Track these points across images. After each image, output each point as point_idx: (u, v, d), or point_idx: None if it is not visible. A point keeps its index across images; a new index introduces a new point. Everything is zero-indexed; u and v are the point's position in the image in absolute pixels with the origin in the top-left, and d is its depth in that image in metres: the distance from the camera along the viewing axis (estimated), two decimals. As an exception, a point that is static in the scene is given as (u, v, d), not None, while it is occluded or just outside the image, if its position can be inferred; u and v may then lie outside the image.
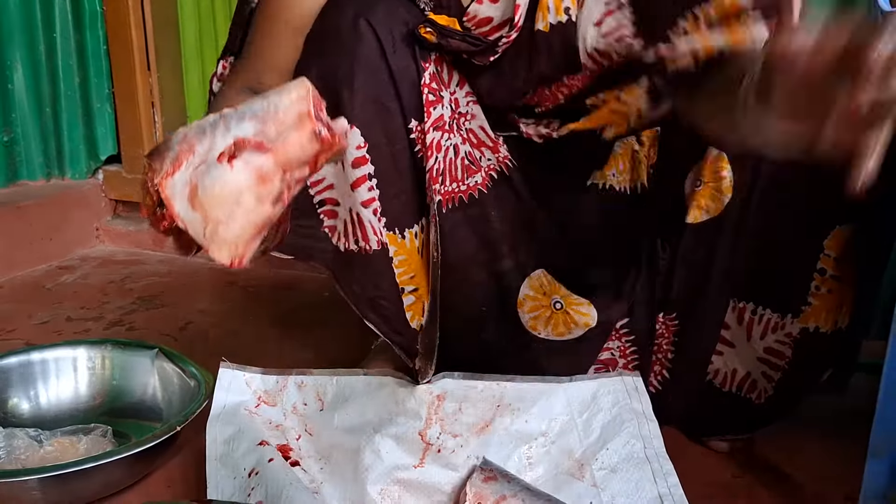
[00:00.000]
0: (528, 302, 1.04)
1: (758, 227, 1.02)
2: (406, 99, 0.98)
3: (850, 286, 1.01)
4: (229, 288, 1.75)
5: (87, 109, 2.02)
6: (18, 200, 1.87)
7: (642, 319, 1.09)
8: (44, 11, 1.94)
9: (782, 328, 1.03)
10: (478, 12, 1.00)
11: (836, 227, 0.99)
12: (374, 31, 0.95)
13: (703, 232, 1.05)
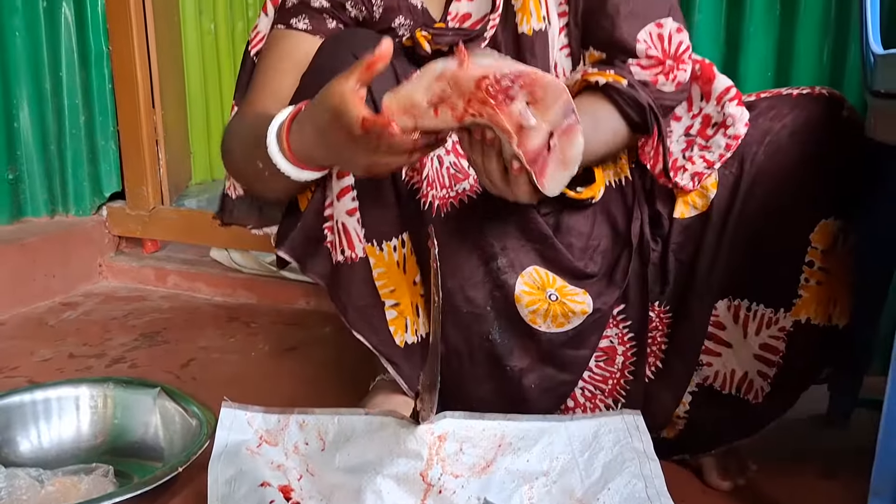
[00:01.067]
0: (525, 297, 1.06)
1: (745, 221, 1.05)
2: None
3: (840, 280, 1.04)
4: (231, 324, 1.76)
5: (92, 147, 2.04)
6: (22, 237, 1.88)
7: (637, 307, 1.12)
8: (50, 50, 1.97)
9: (776, 323, 1.05)
10: (458, 10, 1.10)
11: (822, 220, 1.03)
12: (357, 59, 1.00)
13: (691, 228, 1.08)
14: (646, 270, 1.10)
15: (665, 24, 1.04)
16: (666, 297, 1.11)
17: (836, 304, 1.04)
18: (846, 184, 1.03)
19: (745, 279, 1.06)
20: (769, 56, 1.46)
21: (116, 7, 1.95)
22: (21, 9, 1.91)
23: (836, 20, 1.41)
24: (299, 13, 1.11)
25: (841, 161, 1.02)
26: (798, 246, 1.03)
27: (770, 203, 1.04)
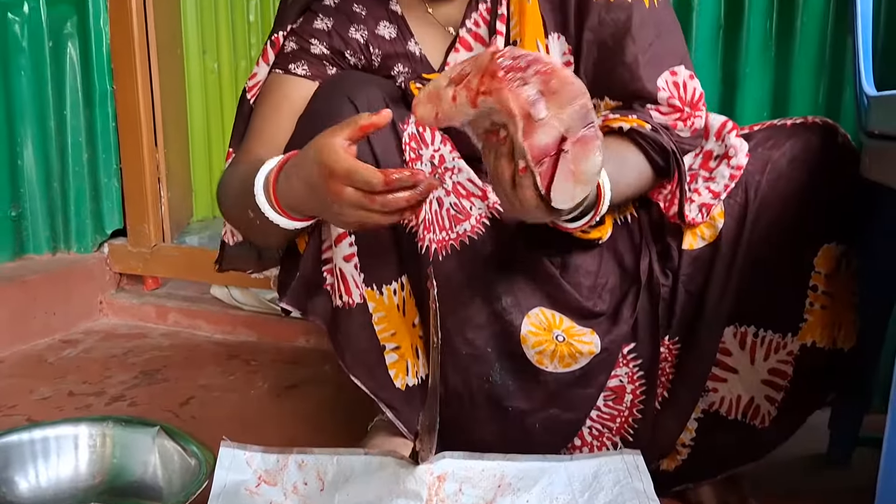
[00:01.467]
0: (531, 338, 1.06)
1: (752, 249, 1.07)
2: (382, 159, 1.03)
3: (844, 303, 1.06)
4: (231, 362, 1.76)
5: (95, 185, 2.06)
6: (24, 275, 1.89)
7: (647, 345, 1.12)
8: (55, 90, 2.00)
9: (784, 347, 1.07)
10: (456, 60, 1.11)
11: (824, 244, 1.05)
12: (354, 104, 1.03)
13: (700, 258, 1.09)
14: (656, 307, 1.11)
15: (679, 72, 1.07)
16: (674, 328, 1.11)
17: (841, 327, 1.06)
18: (846, 208, 1.05)
19: (751, 305, 1.07)
20: (765, 95, 1.48)
21: (121, 47, 1.98)
22: (27, 49, 1.94)
23: (831, 60, 1.44)
24: (298, 59, 1.12)
25: (839, 186, 1.04)
26: (802, 270, 1.05)
27: (774, 229, 1.05)
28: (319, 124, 1.01)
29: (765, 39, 1.46)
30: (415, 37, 1.14)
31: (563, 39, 1.09)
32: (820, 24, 1.43)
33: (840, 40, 1.42)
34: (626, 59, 1.05)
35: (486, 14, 1.11)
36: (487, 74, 0.79)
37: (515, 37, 1.09)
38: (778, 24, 1.45)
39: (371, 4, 1.14)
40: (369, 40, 1.13)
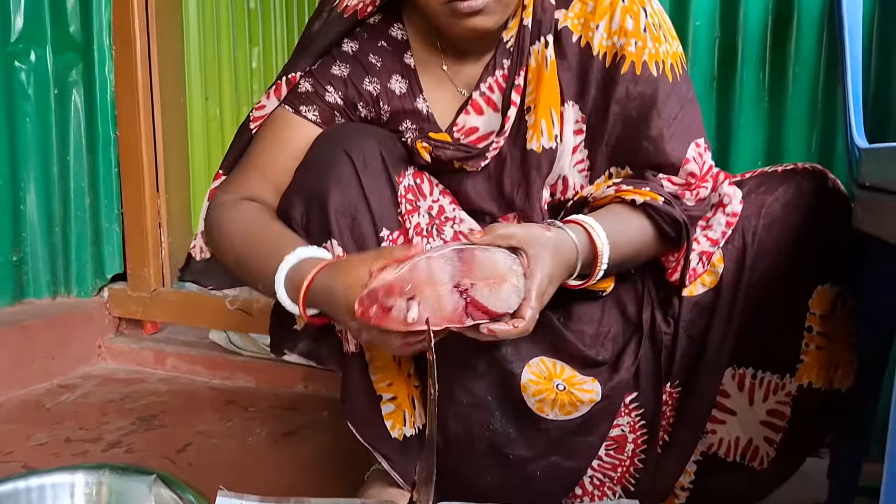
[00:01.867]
0: (532, 386, 1.07)
1: (751, 292, 1.08)
2: (377, 210, 1.05)
3: (840, 344, 1.07)
4: (229, 407, 1.75)
5: (96, 229, 2.07)
6: (24, 319, 1.89)
7: (650, 394, 1.12)
8: (59, 136, 2.02)
9: (782, 388, 1.08)
10: (465, 122, 1.12)
11: (819, 286, 1.06)
12: (349, 156, 1.05)
13: (701, 304, 1.11)
14: (658, 356, 1.11)
15: (700, 144, 1.08)
16: (675, 374, 1.12)
17: (838, 367, 1.07)
18: (839, 250, 1.07)
19: (750, 347, 1.09)
20: (759, 146, 1.50)
21: (125, 94, 2.00)
22: (33, 96, 1.96)
23: (824, 111, 1.46)
24: (311, 103, 1.13)
25: (832, 229, 1.06)
26: (798, 312, 1.07)
27: (771, 272, 1.07)
28: (316, 176, 1.03)
29: (758, 90, 1.48)
30: (424, 93, 1.14)
31: (578, 108, 1.09)
32: (812, 75, 1.46)
33: (832, 91, 1.45)
34: (652, 133, 1.05)
35: (501, 80, 1.12)
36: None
37: (530, 103, 1.09)
38: (770, 76, 1.48)
39: (386, 56, 1.14)
40: (380, 94, 1.14)
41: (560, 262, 0.95)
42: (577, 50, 1.08)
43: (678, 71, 1.07)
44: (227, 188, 1.14)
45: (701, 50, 1.50)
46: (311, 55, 1.14)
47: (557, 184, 1.12)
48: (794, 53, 1.45)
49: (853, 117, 1.15)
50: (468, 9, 0.99)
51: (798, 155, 1.46)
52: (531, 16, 1.08)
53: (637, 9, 1.05)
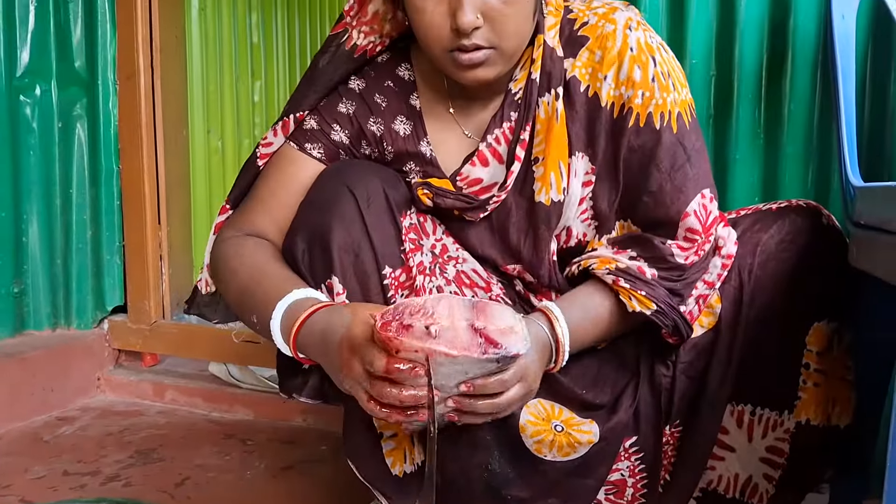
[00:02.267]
0: (530, 427, 1.06)
1: (749, 330, 1.08)
2: (379, 248, 1.05)
3: (838, 380, 1.07)
4: (227, 441, 1.75)
5: (97, 262, 2.08)
6: (24, 351, 1.89)
7: (650, 438, 1.12)
8: (62, 169, 2.03)
9: (781, 425, 1.08)
10: (470, 173, 1.11)
11: (815, 323, 1.06)
12: (353, 194, 1.05)
13: (700, 344, 1.11)
14: (658, 399, 1.11)
15: (706, 195, 1.05)
16: (675, 415, 1.12)
17: (836, 404, 1.07)
18: (835, 286, 1.07)
19: (748, 384, 1.09)
20: (756, 182, 1.51)
21: (128, 128, 2.03)
22: (37, 129, 1.98)
23: (819, 147, 1.48)
24: (316, 141, 1.13)
25: (827, 265, 1.06)
26: (795, 349, 1.07)
27: (768, 309, 1.07)
28: (319, 213, 1.04)
29: (754, 127, 1.50)
30: (428, 136, 1.14)
31: (587, 159, 1.08)
32: (807, 113, 1.48)
33: (827, 128, 1.46)
34: (651, 188, 1.04)
35: (508, 133, 1.11)
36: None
37: (538, 154, 1.08)
38: (766, 113, 1.50)
39: (392, 97, 1.14)
40: (384, 135, 1.14)
41: (542, 354, 0.98)
42: (584, 100, 1.07)
43: (686, 120, 1.05)
44: (232, 223, 1.15)
45: (697, 87, 1.52)
46: (318, 91, 1.14)
47: (561, 234, 1.11)
48: (789, 91, 1.48)
49: (847, 155, 1.17)
50: (468, 61, 0.99)
51: (794, 192, 1.47)
52: (539, 69, 1.07)
53: (646, 58, 1.03)
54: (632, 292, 1.03)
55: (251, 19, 2.85)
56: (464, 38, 0.97)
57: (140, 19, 1.98)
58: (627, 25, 1.04)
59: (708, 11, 1.51)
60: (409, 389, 0.84)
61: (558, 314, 1.00)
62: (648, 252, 1.04)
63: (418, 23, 1.00)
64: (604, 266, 1.05)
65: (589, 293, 1.06)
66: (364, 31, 1.13)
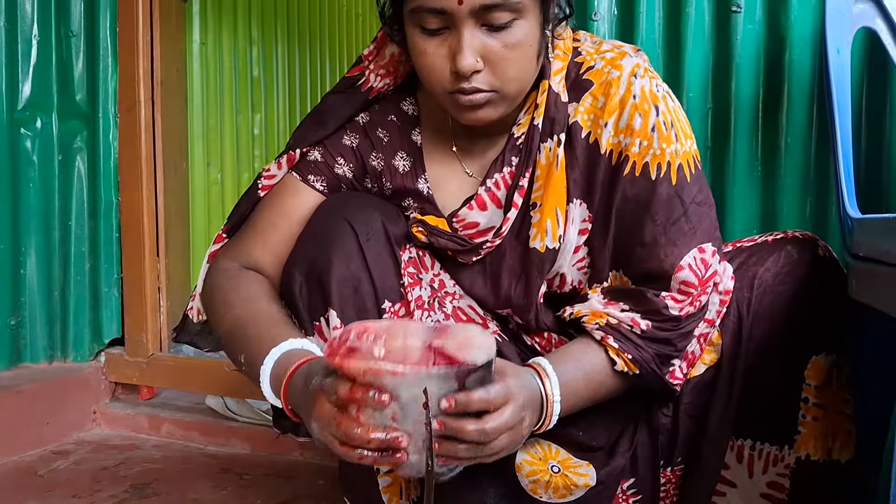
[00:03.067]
0: (526, 466, 1.05)
1: (748, 364, 1.08)
2: (379, 282, 1.04)
3: (837, 414, 1.06)
4: (224, 475, 1.73)
5: (95, 294, 2.07)
6: (19, 384, 1.88)
7: (647, 480, 1.11)
8: (62, 201, 2.04)
9: (781, 460, 1.07)
10: (467, 216, 1.10)
11: (813, 356, 1.05)
12: (352, 227, 1.04)
13: (703, 382, 1.10)
14: (656, 442, 1.10)
15: (706, 250, 1.02)
16: (677, 454, 1.11)
17: (836, 438, 1.06)
18: (833, 318, 1.06)
19: (748, 418, 1.08)
20: (754, 214, 1.51)
21: (128, 160, 2.03)
22: (37, 162, 1.99)
23: (816, 179, 1.47)
24: (320, 173, 1.12)
25: (824, 298, 1.05)
26: (793, 383, 1.06)
27: (766, 343, 1.07)
28: (318, 246, 1.04)
29: (751, 160, 1.50)
30: (427, 173, 1.13)
31: (585, 207, 1.06)
32: (804, 145, 1.48)
33: (825, 160, 1.47)
34: (645, 239, 1.02)
35: (508, 178, 1.09)
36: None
37: (536, 200, 1.07)
38: (763, 145, 1.50)
39: (394, 132, 1.14)
40: (384, 170, 1.13)
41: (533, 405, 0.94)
42: (585, 146, 1.05)
43: (687, 172, 1.02)
44: (228, 253, 1.14)
45: (694, 120, 1.52)
46: (327, 129, 1.13)
47: (555, 279, 1.10)
48: (786, 124, 1.48)
49: (845, 187, 1.17)
50: (469, 103, 0.98)
51: (792, 223, 1.47)
52: (542, 115, 1.05)
53: (648, 106, 1.01)
54: (619, 353, 1.01)
55: (251, 53, 2.88)
56: (463, 82, 0.96)
57: (141, 53, 2.00)
58: (633, 72, 1.02)
59: (704, 45, 1.52)
60: (377, 431, 0.79)
61: (550, 370, 0.97)
62: (641, 305, 1.01)
63: (420, 64, 1.00)
64: (594, 320, 1.03)
65: (582, 350, 1.03)
66: (381, 73, 1.13)
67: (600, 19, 1.56)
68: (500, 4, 0.93)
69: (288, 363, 0.93)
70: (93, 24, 2.02)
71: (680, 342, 1.03)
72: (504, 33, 0.95)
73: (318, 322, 1.03)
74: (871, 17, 1.35)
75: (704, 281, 1.02)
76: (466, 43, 0.94)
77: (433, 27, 0.96)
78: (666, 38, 1.54)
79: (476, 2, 0.92)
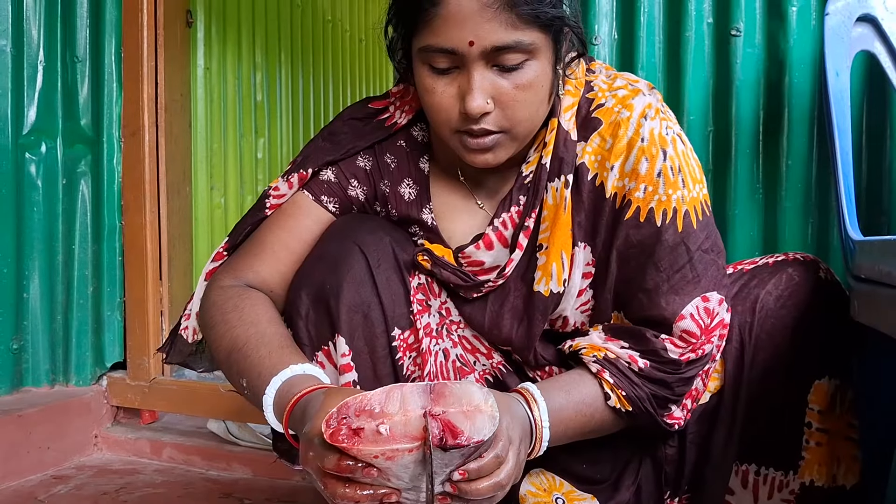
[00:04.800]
0: (530, 498, 1.04)
1: (751, 389, 1.06)
2: (389, 309, 1.03)
3: (841, 439, 1.04)
4: (225, 500, 1.72)
5: (98, 318, 2.07)
6: (21, 408, 1.87)
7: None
8: (65, 224, 2.05)
9: (786, 486, 1.05)
10: (473, 255, 1.08)
11: (816, 381, 1.04)
12: (363, 251, 1.03)
13: (707, 410, 1.08)
14: (660, 474, 1.09)
15: (711, 299, 1.00)
16: (683, 484, 1.10)
17: (840, 463, 1.05)
18: (836, 342, 1.05)
19: (752, 443, 1.07)
20: (756, 237, 1.51)
21: (132, 184, 2.04)
22: (41, 186, 2.00)
23: (818, 201, 1.48)
24: (333, 195, 1.10)
25: (826, 321, 1.04)
26: (797, 408, 1.05)
27: (769, 368, 1.06)
28: (329, 271, 1.02)
29: (752, 182, 1.51)
30: (432, 202, 1.11)
31: (590, 251, 1.05)
32: (805, 167, 1.48)
33: (825, 182, 1.47)
34: (647, 286, 1.00)
35: (516, 217, 1.07)
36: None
37: (543, 241, 1.05)
38: (764, 168, 1.50)
39: (402, 158, 1.12)
40: (389, 196, 1.12)
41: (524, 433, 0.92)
42: (591, 188, 1.03)
43: (694, 218, 1.00)
44: (231, 270, 1.10)
45: (695, 143, 1.52)
46: (339, 153, 1.11)
47: (557, 321, 1.09)
48: (787, 146, 1.49)
49: (846, 209, 1.17)
50: (477, 146, 0.97)
51: (794, 246, 1.47)
52: (551, 154, 1.03)
53: (656, 150, 0.98)
54: (614, 388, 0.99)
55: (255, 78, 2.89)
56: (472, 123, 0.95)
57: (146, 78, 2.01)
58: (643, 114, 1.00)
59: (704, 69, 1.53)
60: (366, 489, 0.78)
61: (538, 396, 0.96)
62: (641, 345, 1.00)
63: (427, 103, 0.98)
64: (592, 353, 1.01)
65: (574, 380, 1.02)
66: (406, 110, 1.12)
67: (601, 43, 1.57)
68: (511, 46, 0.91)
69: (290, 392, 0.91)
70: (98, 49, 2.04)
71: (678, 387, 1.01)
72: (515, 74, 0.93)
73: (326, 346, 1.03)
74: (870, 40, 1.36)
75: (708, 330, 1.00)
76: (477, 84, 0.92)
77: (442, 66, 0.94)
78: (666, 61, 1.55)
79: (487, 43, 0.90)
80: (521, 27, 0.91)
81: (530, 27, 0.91)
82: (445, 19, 0.91)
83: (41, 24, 1.99)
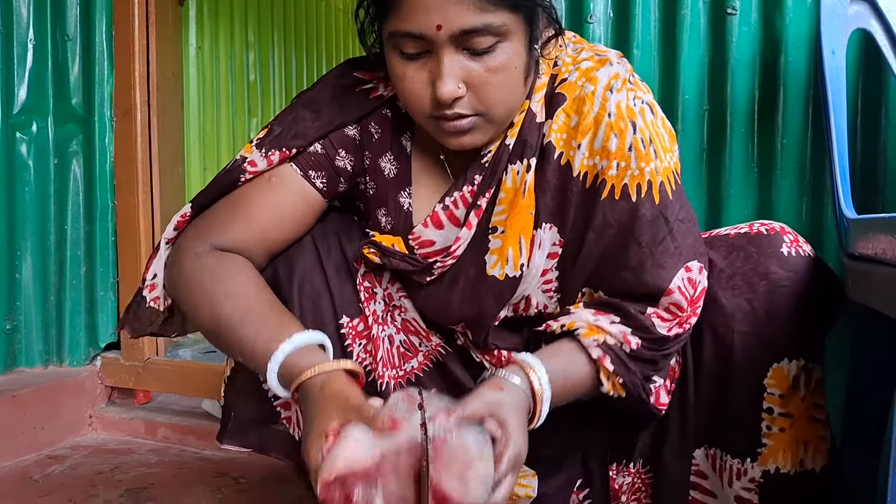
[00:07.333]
0: None
1: (709, 372, 1.04)
2: (338, 297, 1.05)
3: (807, 422, 1.00)
4: (220, 479, 1.72)
5: (91, 298, 2.07)
6: (14, 389, 1.87)
7: (600, 493, 1.11)
8: (57, 205, 2.04)
9: (745, 474, 1.03)
10: (422, 234, 1.06)
11: (773, 364, 1.00)
12: (315, 243, 1.06)
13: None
14: (607, 445, 1.10)
15: (692, 268, 0.98)
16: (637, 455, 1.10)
17: (808, 446, 1.01)
18: (799, 323, 1.00)
19: (713, 429, 1.05)
20: (749, 216, 1.50)
21: (124, 164, 2.03)
22: (33, 166, 1.99)
23: (812, 180, 1.48)
24: (320, 168, 1.06)
25: (785, 301, 1.00)
26: (754, 393, 1.02)
27: (728, 354, 1.03)
28: (282, 258, 1.08)
29: (747, 162, 1.50)
30: (412, 186, 1.08)
31: (556, 230, 1.02)
32: (800, 146, 1.48)
33: (820, 161, 1.47)
34: (631, 263, 0.98)
35: (468, 196, 1.04)
36: None
37: (498, 224, 1.03)
38: (759, 147, 1.50)
39: (386, 129, 1.08)
40: (369, 169, 1.08)
41: (524, 422, 0.91)
42: (557, 167, 1.00)
43: (669, 189, 0.98)
44: (201, 234, 1.04)
45: (690, 122, 1.53)
46: (325, 127, 1.06)
47: (520, 303, 1.07)
48: (782, 125, 1.48)
49: (840, 188, 1.17)
50: (453, 128, 0.95)
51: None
52: (516, 135, 1.00)
53: (624, 125, 0.96)
54: (612, 375, 0.98)
55: (248, 57, 2.88)
56: (445, 108, 0.93)
57: (137, 57, 2.00)
58: (609, 86, 0.97)
59: (700, 47, 1.52)
60: None
61: (537, 367, 0.94)
62: (629, 320, 0.98)
63: (400, 89, 0.96)
64: (592, 336, 0.98)
65: (571, 358, 0.99)
66: (391, 87, 1.06)
67: (596, 22, 1.56)
68: (480, 29, 0.88)
69: (296, 366, 0.90)
70: (89, 27, 2.02)
71: (662, 362, 1.00)
72: (487, 57, 0.91)
73: None
74: (866, 18, 1.36)
75: (693, 301, 0.99)
76: (446, 70, 0.90)
77: (412, 52, 0.92)
78: (662, 40, 1.55)
79: (456, 27, 0.88)
80: (490, 9, 0.88)
81: (500, 9, 0.89)
82: (413, 4, 0.88)
83: (31, 2, 1.97)
